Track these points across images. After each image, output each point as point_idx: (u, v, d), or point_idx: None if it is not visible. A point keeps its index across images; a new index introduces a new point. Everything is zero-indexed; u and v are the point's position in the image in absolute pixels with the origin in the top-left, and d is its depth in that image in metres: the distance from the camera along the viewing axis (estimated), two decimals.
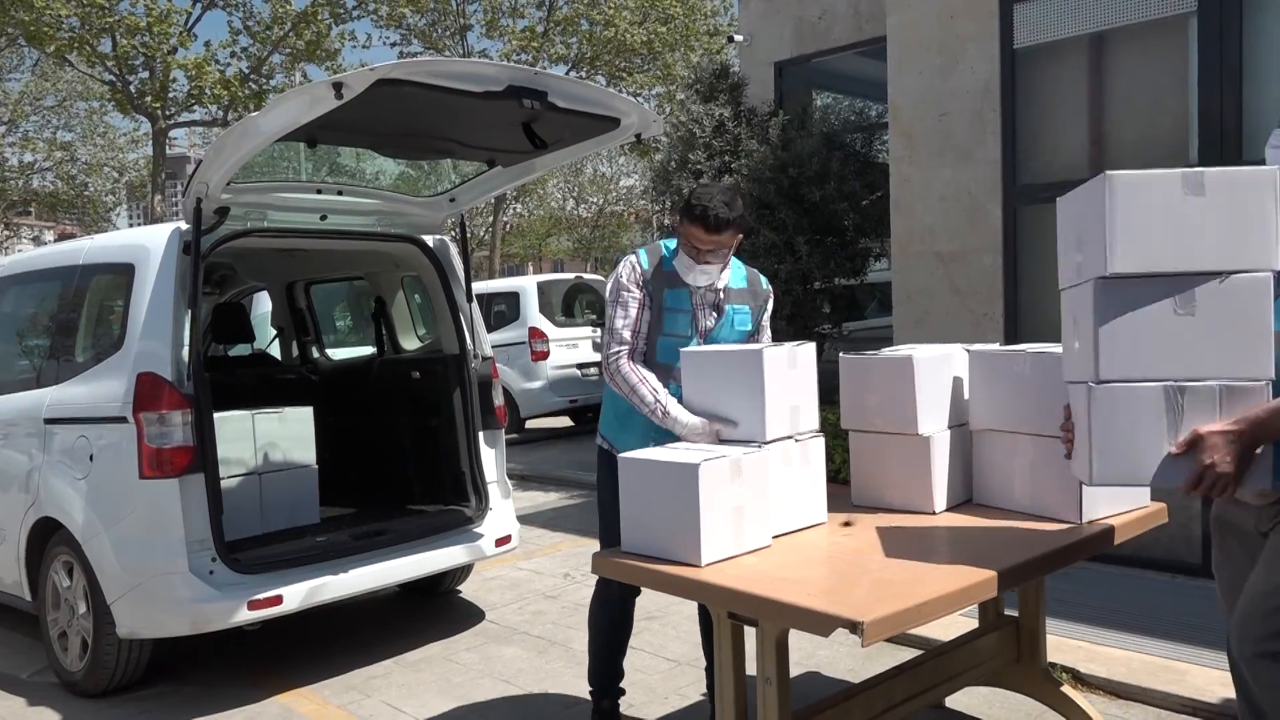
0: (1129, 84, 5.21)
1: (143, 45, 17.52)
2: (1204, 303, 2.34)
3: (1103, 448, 2.48)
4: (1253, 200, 2.31)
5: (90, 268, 4.72)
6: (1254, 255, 2.29)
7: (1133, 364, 2.40)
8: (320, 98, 3.44)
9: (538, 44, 20.04)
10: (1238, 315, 2.30)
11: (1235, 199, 2.32)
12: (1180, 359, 2.35)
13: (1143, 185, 2.42)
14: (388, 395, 5.59)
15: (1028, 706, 3.65)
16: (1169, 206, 2.38)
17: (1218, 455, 2.26)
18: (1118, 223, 2.42)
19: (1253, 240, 2.30)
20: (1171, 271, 2.37)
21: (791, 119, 7.86)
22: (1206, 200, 2.34)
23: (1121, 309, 2.43)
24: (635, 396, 3.13)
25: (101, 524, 4.11)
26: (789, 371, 2.96)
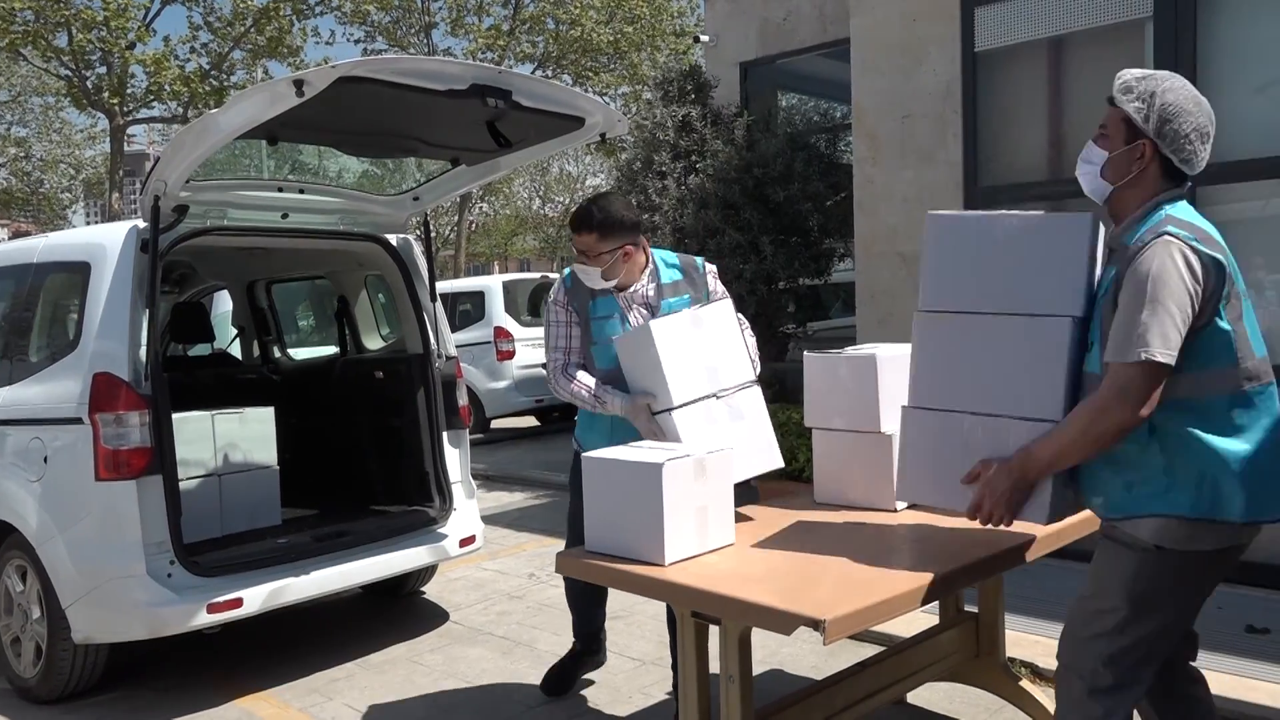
0: (1087, 87, 5.29)
1: (100, 40, 17.23)
2: (1006, 342, 2.41)
3: (907, 469, 2.62)
4: (1060, 246, 2.37)
5: (45, 266, 4.63)
6: (1056, 300, 2.35)
7: (941, 394, 2.51)
8: (281, 95, 3.41)
9: (503, 43, 19.97)
10: (1036, 357, 2.36)
11: (1043, 244, 2.39)
12: (983, 393, 2.44)
13: (957, 226, 2.53)
14: (350, 395, 5.54)
15: (987, 701, 3.69)
16: (980, 248, 2.47)
17: (991, 488, 2.36)
18: (931, 262, 2.55)
19: (1056, 285, 2.35)
20: (979, 311, 2.45)
21: (756, 119, 7.90)
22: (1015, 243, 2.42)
23: (935, 341, 2.55)
24: (577, 400, 3.38)
25: (56, 527, 4.04)
26: (693, 333, 3.08)
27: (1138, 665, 2.26)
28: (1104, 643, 2.27)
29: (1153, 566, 2.21)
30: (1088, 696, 2.28)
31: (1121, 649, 2.25)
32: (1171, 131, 2.29)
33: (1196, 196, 4.79)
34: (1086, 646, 2.31)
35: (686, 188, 7.55)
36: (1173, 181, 2.35)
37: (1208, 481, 2.16)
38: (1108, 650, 2.26)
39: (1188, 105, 2.32)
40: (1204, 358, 2.17)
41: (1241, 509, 2.15)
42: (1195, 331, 2.15)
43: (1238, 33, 4.77)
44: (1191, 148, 2.31)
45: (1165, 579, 2.22)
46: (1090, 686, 2.28)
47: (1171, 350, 2.10)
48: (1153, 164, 2.32)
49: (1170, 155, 2.30)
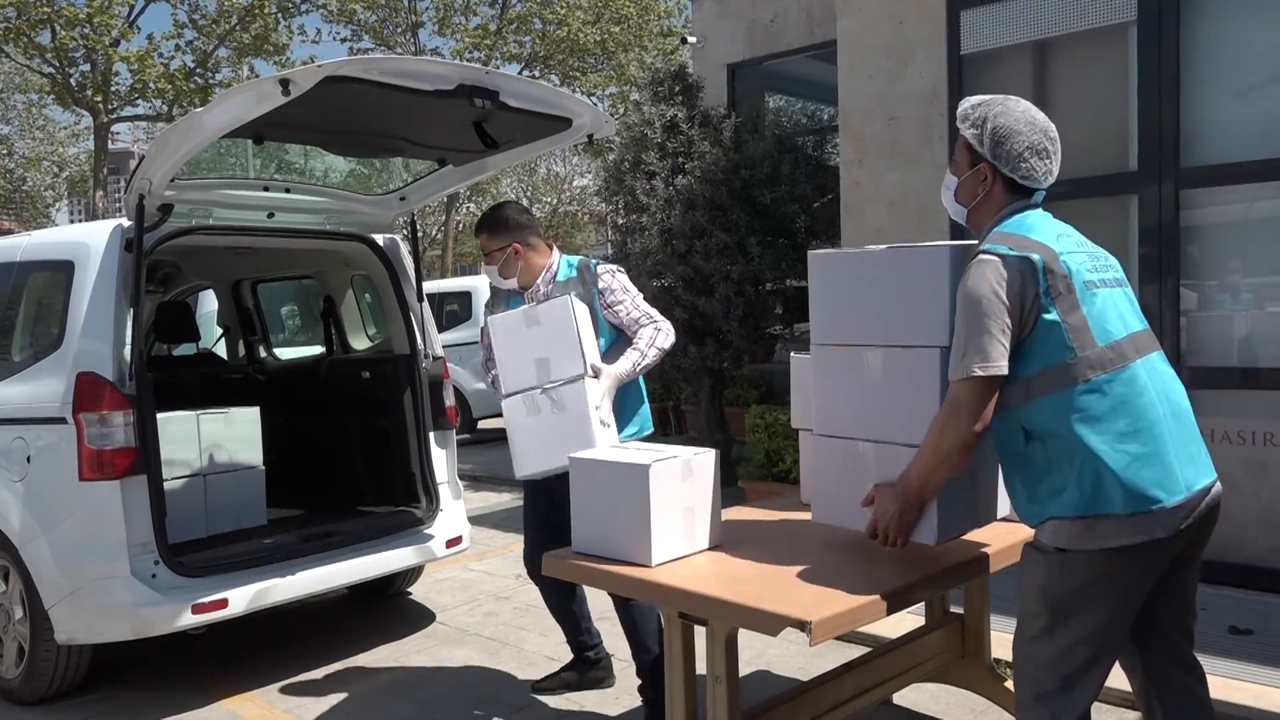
0: (1072, 90, 5.32)
1: (83, 37, 17.11)
2: (887, 373, 2.53)
3: (816, 492, 2.75)
4: (922, 279, 2.47)
5: (28, 265, 4.60)
6: (923, 331, 2.47)
7: (840, 422, 2.65)
8: (267, 94, 3.39)
9: (490, 42, 19.94)
10: (912, 386, 2.48)
11: (908, 277, 2.51)
12: (874, 421, 2.57)
13: (835, 263, 2.69)
14: (337, 395, 5.52)
15: (972, 702, 3.71)
16: (857, 284, 2.62)
17: (882, 511, 2.47)
18: (816, 298, 2.71)
19: (922, 316, 2.46)
20: (860, 343, 2.59)
21: (744, 121, 7.91)
22: (884, 279, 2.55)
23: (829, 372, 2.70)
24: None
25: (39, 527, 4.01)
26: (525, 332, 3.34)
27: (1081, 668, 2.26)
28: (1039, 647, 2.29)
29: (1059, 569, 2.23)
30: (1034, 701, 2.30)
31: (1059, 652, 2.25)
32: (1005, 152, 2.41)
33: (1180, 200, 4.84)
34: (1025, 651, 2.34)
35: (674, 189, 7.56)
36: (1019, 195, 2.46)
37: (1087, 476, 2.18)
38: (1044, 655, 2.28)
39: (1018, 126, 2.43)
40: (1043, 355, 2.23)
41: (1123, 501, 2.16)
42: (1030, 333, 2.23)
43: (1221, 36, 4.81)
44: (1028, 165, 2.44)
45: (1075, 580, 2.22)
46: (1035, 692, 2.30)
47: (992, 363, 2.20)
48: (996, 184, 2.44)
49: (1010, 174, 2.42)
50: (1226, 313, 4.92)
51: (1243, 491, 4.78)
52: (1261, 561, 4.72)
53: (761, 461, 6.67)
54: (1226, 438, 4.79)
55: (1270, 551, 4.69)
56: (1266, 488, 4.71)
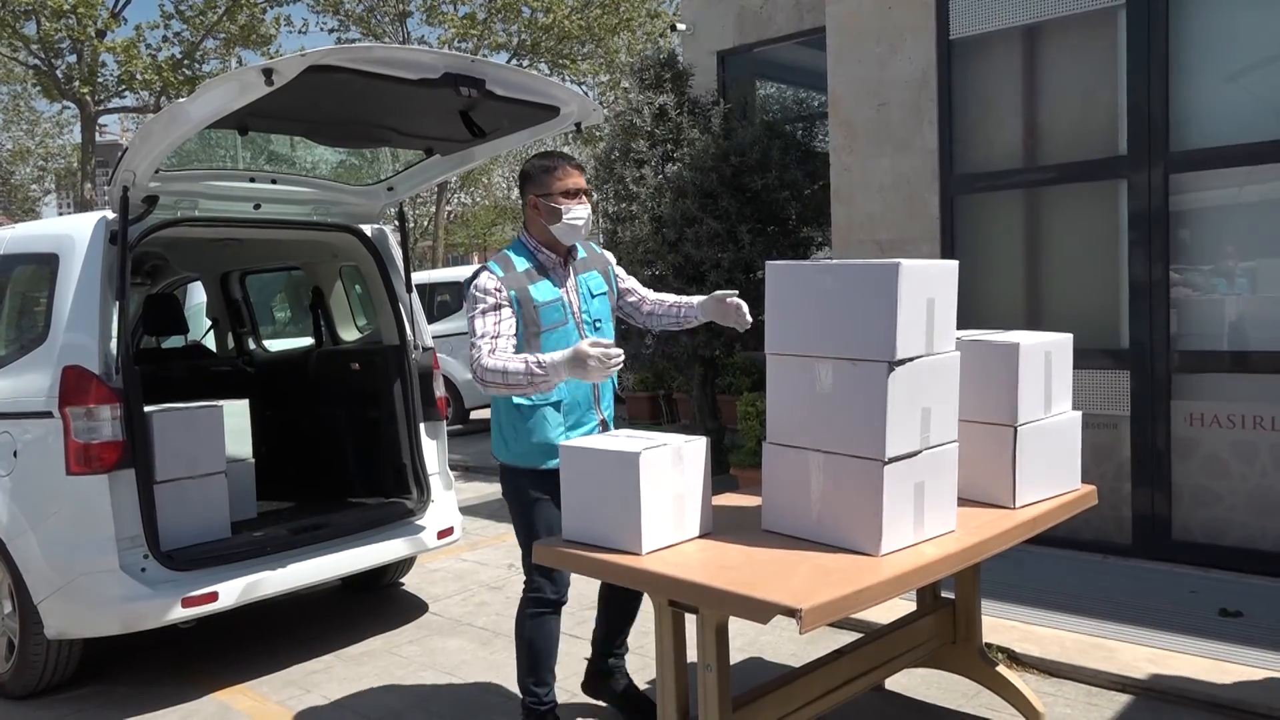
0: (1062, 75, 5.31)
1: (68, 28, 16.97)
2: (839, 385, 2.57)
3: (766, 499, 2.77)
4: (873, 293, 2.51)
5: (12, 257, 4.57)
6: (873, 345, 2.51)
7: (791, 431, 2.68)
8: (250, 84, 3.36)
9: (478, 31, 19.84)
10: (861, 398, 2.51)
11: (860, 291, 2.54)
12: (824, 431, 2.60)
13: (792, 274, 2.71)
14: (326, 387, 5.50)
15: (964, 686, 3.72)
16: (812, 296, 2.65)
17: None
18: (772, 307, 2.73)
19: (874, 330, 2.50)
20: (813, 355, 2.63)
21: (733, 108, 7.88)
22: (838, 291, 2.58)
23: (781, 381, 2.73)
24: (509, 378, 2.99)
25: (27, 521, 3.99)
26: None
27: None
28: None
29: None
30: None
31: None
32: None
33: (1170, 184, 4.85)
34: None
35: (664, 176, 7.54)
36: None
37: None
38: None
39: None
40: None
41: None
42: None
43: (1210, 20, 4.80)
44: None
45: None
46: None
47: None
48: None
49: None
50: (1217, 296, 4.92)
51: (1232, 475, 4.80)
52: (1251, 544, 4.74)
53: (753, 449, 6.67)
54: (1217, 421, 4.81)
55: (1260, 533, 4.71)
56: (1255, 471, 4.72)
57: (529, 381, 2.97)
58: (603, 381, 3.24)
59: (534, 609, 3.35)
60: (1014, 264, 5.62)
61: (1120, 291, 5.07)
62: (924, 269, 2.56)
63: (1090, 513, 3.36)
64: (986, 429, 2.96)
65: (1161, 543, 4.95)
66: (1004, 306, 5.54)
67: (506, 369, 2.99)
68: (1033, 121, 5.42)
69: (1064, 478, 3.13)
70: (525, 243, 3.32)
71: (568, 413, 3.27)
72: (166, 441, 4.22)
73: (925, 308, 2.57)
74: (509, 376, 2.98)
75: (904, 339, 2.49)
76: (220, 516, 4.44)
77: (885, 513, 2.50)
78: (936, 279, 2.63)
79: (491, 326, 3.10)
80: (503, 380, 2.99)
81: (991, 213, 5.64)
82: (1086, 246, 5.29)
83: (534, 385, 2.99)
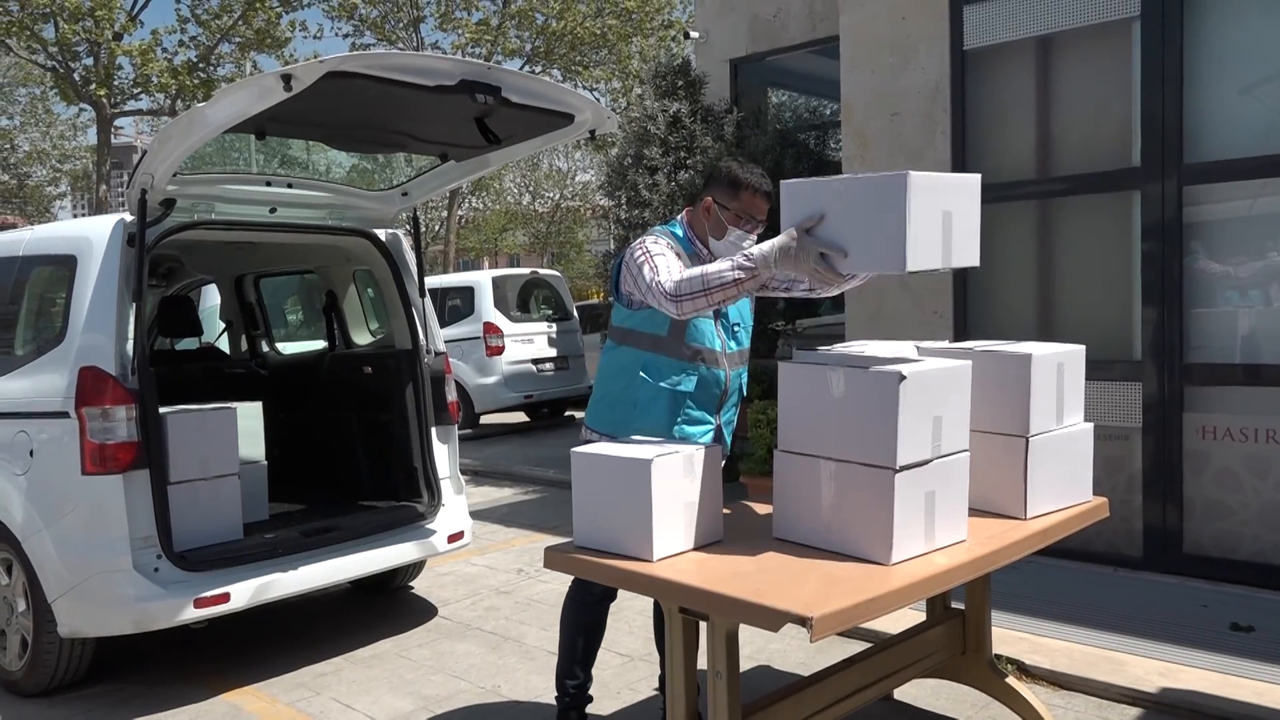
0: (1075, 86, 5.31)
1: (86, 31, 17.10)
2: (851, 392, 2.59)
3: (778, 508, 2.78)
4: (887, 207, 2.47)
5: (31, 259, 4.61)
6: (888, 260, 2.50)
7: (802, 439, 2.70)
8: (269, 89, 3.39)
9: (491, 37, 19.91)
10: (875, 405, 2.53)
11: (874, 206, 2.50)
12: (836, 439, 2.62)
13: (802, 190, 2.66)
14: (339, 390, 5.53)
15: (973, 698, 3.71)
16: (826, 213, 2.59)
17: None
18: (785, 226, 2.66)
19: (887, 246, 2.48)
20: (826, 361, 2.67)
21: (746, 116, 7.90)
22: (852, 207, 2.54)
23: (795, 389, 2.74)
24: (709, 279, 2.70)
25: (42, 520, 4.02)
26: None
27: None
28: None
29: None
30: None
31: None
32: None
33: (1183, 196, 4.84)
34: None
35: (676, 184, 7.55)
36: None
37: None
38: None
39: None
40: None
41: None
42: None
43: (1225, 32, 4.79)
44: None
45: None
46: None
47: None
48: None
49: None
50: (1230, 309, 4.91)
51: (1244, 489, 4.78)
52: (1263, 558, 4.72)
53: (763, 457, 6.67)
54: (1229, 435, 4.79)
55: (1272, 548, 4.69)
56: (1269, 485, 4.71)
57: (734, 279, 2.67)
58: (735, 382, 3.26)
59: (584, 598, 3.35)
60: (1027, 275, 5.62)
61: (1133, 303, 5.06)
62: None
63: (1101, 525, 3.35)
64: (998, 439, 2.96)
65: (1173, 556, 4.93)
66: (1016, 317, 5.54)
67: (706, 271, 2.71)
68: (1046, 133, 5.42)
69: (1075, 489, 3.12)
70: (687, 230, 3.19)
71: (690, 406, 3.16)
72: (180, 443, 4.25)
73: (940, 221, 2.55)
74: (709, 278, 2.69)
75: None
76: (233, 518, 4.46)
77: (896, 522, 2.50)
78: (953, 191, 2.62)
79: (676, 263, 2.91)
80: (703, 285, 2.70)
81: (1004, 223, 5.63)
82: (1099, 258, 5.28)
83: (738, 286, 2.68)
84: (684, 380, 3.14)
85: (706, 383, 3.18)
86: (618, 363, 3.22)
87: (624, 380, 3.20)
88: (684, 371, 3.14)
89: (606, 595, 3.36)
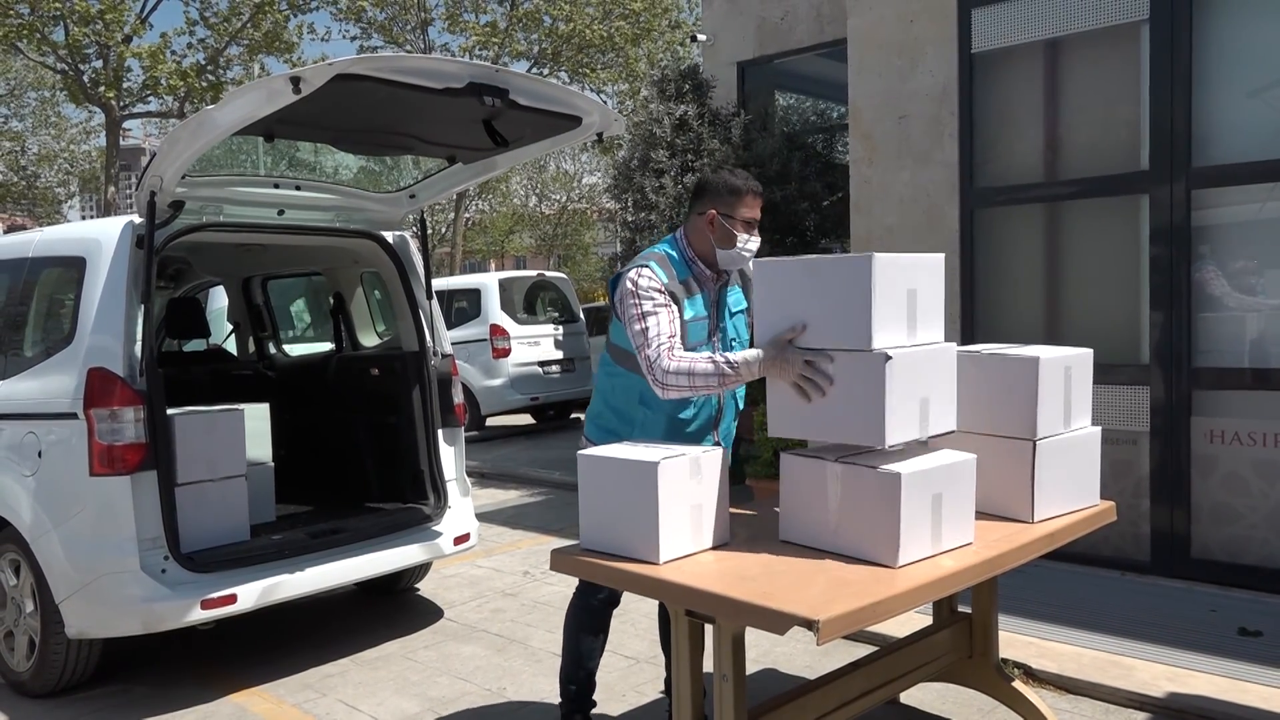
0: (1083, 89, 5.31)
1: (95, 34, 17.17)
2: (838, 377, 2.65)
3: (784, 510, 2.80)
4: (853, 286, 2.60)
5: (40, 260, 4.63)
6: (856, 337, 2.60)
7: (792, 425, 2.76)
8: (278, 92, 3.40)
9: (499, 40, 19.95)
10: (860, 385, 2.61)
11: (842, 286, 2.64)
12: (823, 423, 2.69)
13: (774, 270, 2.81)
14: (346, 392, 5.54)
15: (980, 702, 3.70)
16: (797, 292, 2.74)
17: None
18: (759, 303, 2.83)
19: (854, 323, 2.60)
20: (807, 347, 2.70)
21: (754, 119, 7.90)
22: (822, 286, 2.68)
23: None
24: (695, 379, 2.82)
25: (50, 521, 4.04)
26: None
27: None
28: None
29: None
30: None
31: None
32: None
33: (1191, 199, 4.83)
34: None
35: (683, 186, 7.56)
36: None
37: None
38: None
39: None
40: None
41: None
42: None
43: (1233, 36, 4.78)
44: None
45: None
46: None
47: None
48: None
49: None
50: (1238, 313, 4.90)
51: (1252, 493, 4.76)
52: (1271, 563, 4.70)
53: (769, 460, 6.66)
54: (1237, 439, 4.78)
55: None
56: (1277, 489, 4.69)
57: (719, 383, 2.82)
58: (728, 396, 3.24)
59: (588, 603, 3.34)
60: (1034, 278, 5.61)
61: (1141, 307, 5.05)
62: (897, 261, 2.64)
63: (1109, 529, 3.34)
64: (1006, 443, 2.95)
65: (1180, 560, 4.91)
66: (1024, 321, 5.53)
67: (693, 370, 2.82)
68: (1054, 136, 5.42)
69: (1083, 493, 3.12)
70: (684, 250, 3.14)
71: (686, 425, 3.16)
72: (188, 444, 4.27)
73: (905, 299, 2.65)
74: (695, 378, 2.82)
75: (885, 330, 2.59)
76: (240, 519, 4.47)
77: (903, 524, 2.50)
78: (916, 270, 2.71)
79: (667, 326, 2.92)
80: (688, 383, 2.83)
81: (1011, 226, 5.63)
82: (1107, 261, 5.27)
83: (723, 386, 2.83)
84: (682, 408, 3.15)
85: (702, 406, 3.20)
86: (617, 386, 3.23)
87: (623, 401, 3.23)
88: (682, 400, 3.10)
89: (611, 600, 3.36)
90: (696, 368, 2.83)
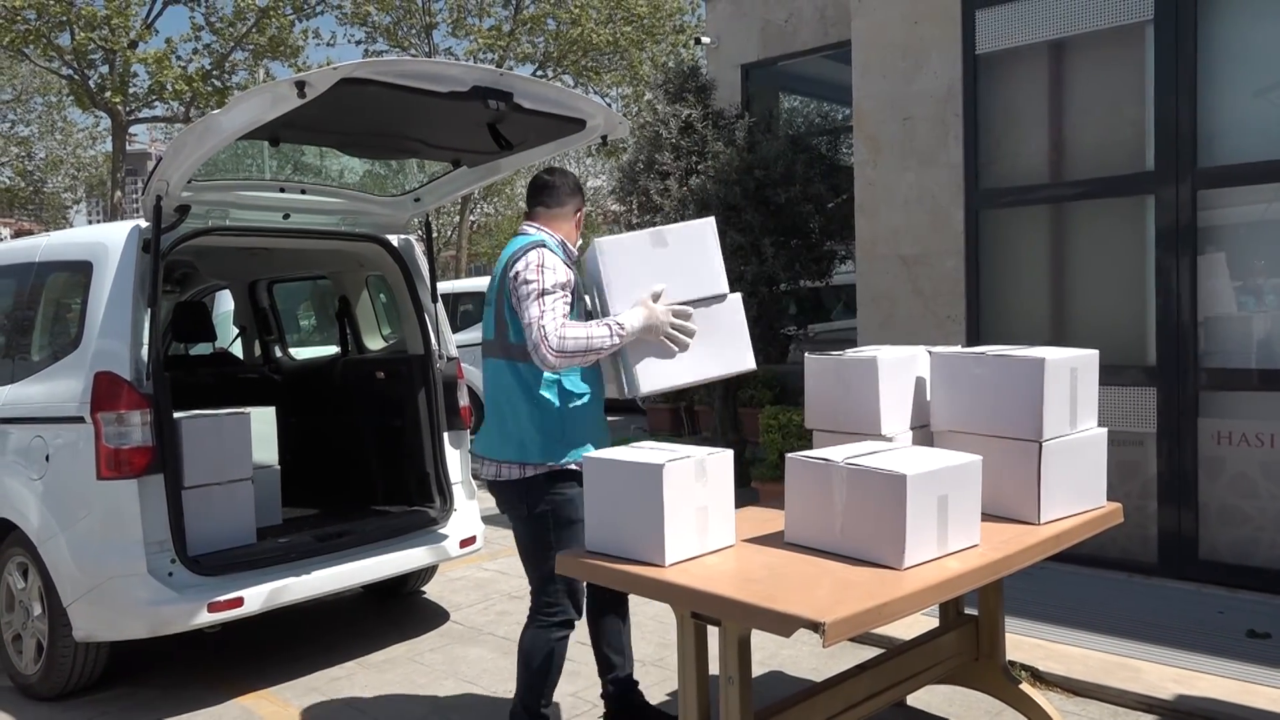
0: (1088, 90, 5.30)
1: (101, 39, 17.24)
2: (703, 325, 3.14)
3: (793, 512, 2.82)
4: (697, 244, 3.17)
5: (47, 265, 4.64)
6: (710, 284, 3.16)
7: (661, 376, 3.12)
8: (283, 96, 3.41)
9: (504, 43, 19.98)
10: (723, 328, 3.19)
11: (687, 247, 3.17)
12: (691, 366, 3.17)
13: (621, 246, 3.15)
14: (352, 395, 5.55)
15: (987, 704, 3.70)
16: (646, 260, 3.12)
17: None
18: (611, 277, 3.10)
19: (705, 274, 3.15)
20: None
21: (758, 121, 7.90)
22: (669, 252, 3.13)
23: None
24: (592, 343, 2.98)
25: (58, 525, 4.05)
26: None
27: None
28: None
29: None
30: None
31: None
32: None
33: (1197, 200, 4.82)
34: None
35: (688, 189, 7.56)
36: None
37: None
38: None
39: None
40: None
41: None
42: None
43: (1238, 36, 4.77)
44: None
45: None
46: None
47: None
48: None
49: None
50: (1245, 314, 4.89)
51: (1260, 494, 4.75)
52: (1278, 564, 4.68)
53: (775, 462, 6.67)
54: (1245, 440, 4.76)
55: None
56: None
57: (611, 345, 3.01)
58: None
59: (556, 631, 3.28)
60: (1039, 279, 5.60)
61: (1147, 308, 5.04)
62: None
63: (1116, 530, 3.33)
64: (1012, 444, 2.95)
65: (1188, 562, 4.90)
66: (1029, 322, 5.52)
67: (590, 335, 2.99)
68: (1059, 136, 5.41)
69: (1089, 495, 3.11)
70: (564, 245, 3.36)
71: (598, 402, 3.30)
72: (195, 447, 4.28)
73: None
74: (592, 341, 2.98)
75: None
76: (246, 522, 4.48)
77: (909, 526, 2.49)
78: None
79: (559, 304, 3.04)
80: (585, 345, 2.97)
81: (1017, 227, 5.62)
82: (1113, 262, 5.26)
83: (613, 348, 3.03)
84: (592, 381, 3.28)
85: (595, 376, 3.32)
86: (521, 380, 3.20)
87: (528, 406, 3.20)
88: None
89: (572, 626, 3.30)
90: (594, 332, 3.01)
